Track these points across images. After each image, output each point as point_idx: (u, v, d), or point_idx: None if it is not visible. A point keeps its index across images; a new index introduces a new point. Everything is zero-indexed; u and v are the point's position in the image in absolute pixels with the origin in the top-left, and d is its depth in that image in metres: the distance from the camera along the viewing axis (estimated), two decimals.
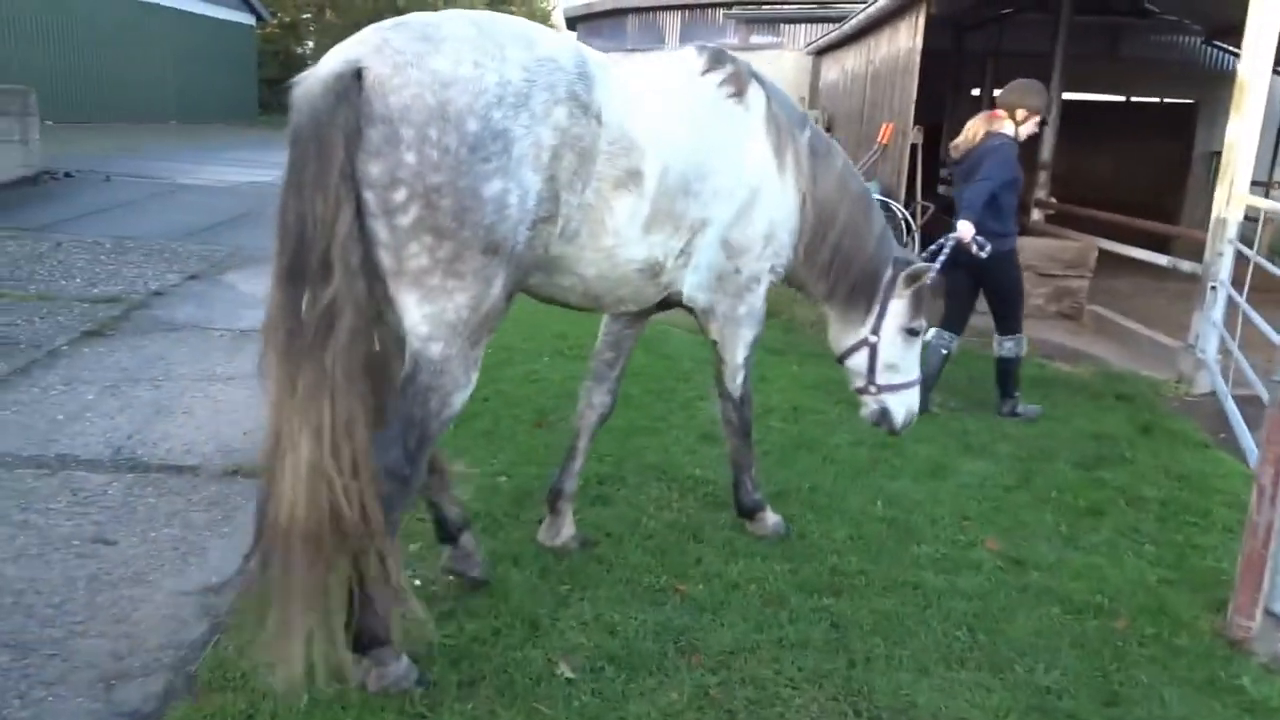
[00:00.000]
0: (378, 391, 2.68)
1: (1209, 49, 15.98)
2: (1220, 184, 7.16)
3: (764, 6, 17.12)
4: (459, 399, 2.68)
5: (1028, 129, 5.97)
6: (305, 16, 41.72)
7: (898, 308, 3.86)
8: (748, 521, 4.01)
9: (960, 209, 5.57)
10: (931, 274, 3.86)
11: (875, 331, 3.87)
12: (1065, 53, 12.63)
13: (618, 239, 2.99)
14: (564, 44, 2.80)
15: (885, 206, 8.41)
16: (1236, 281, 7.27)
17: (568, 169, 2.72)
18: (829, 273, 3.76)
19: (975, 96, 15.61)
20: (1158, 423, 6.14)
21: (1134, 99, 16.93)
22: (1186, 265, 7.68)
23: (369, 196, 2.47)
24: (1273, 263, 11.35)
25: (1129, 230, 10.64)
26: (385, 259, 2.52)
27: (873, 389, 3.97)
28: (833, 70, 14.20)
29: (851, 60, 12.39)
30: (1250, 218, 7.56)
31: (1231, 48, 15.29)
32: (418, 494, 2.91)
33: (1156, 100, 16.95)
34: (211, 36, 31.55)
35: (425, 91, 2.46)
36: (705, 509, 4.20)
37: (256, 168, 16.80)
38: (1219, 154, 15.71)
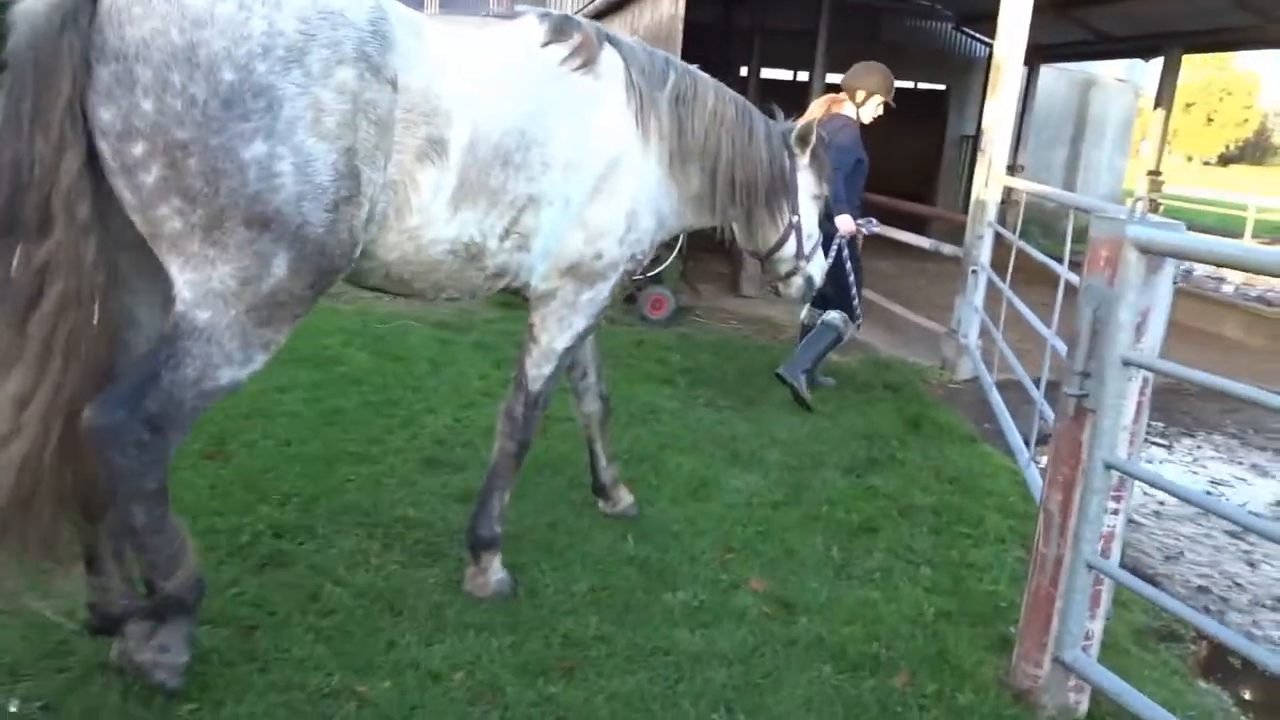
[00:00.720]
0: (90, 376, 2.25)
1: (960, 36, 16.56)
2: (979, 166, 7.02)
3: None
4: (227, 375, 2.35)
5: (870, 110, 5.95)
6: None
7: (806, 180, 3.82)
8: (471, 563, 3.27)
9: (831, 205, 5.35)
10: (816, 138, 3.78)
11: (794, 211, 3.79)
12: (829, 33, 12.56)
13: (422, 217, 2.65)
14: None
15: None
16: (996, 264, 7.20)
17: (366, 141, 2.38)
18: (739, 203, 3.53)
19: (743, 76, 15.44)
20: (925, 415, 5.86)
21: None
22: (948, 249, 7.55)
23: (103, 146, 2.14)
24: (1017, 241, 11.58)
25: (890, 212, 10.65)
26: (137, 221, 2.22)
27: (802, 264, 3.91)
28: None
29: (616, 29, 11.74)
30: (1003, 201, 7.52)
31: (980, 35, 15.88)
32: None
33: (912, 85, 17.45)
34: None
35: (171, 27, 2.10)
36: (412, 565, 3.37)
37: None
38: (970, 138, 16.36)
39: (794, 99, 4.98)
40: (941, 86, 17.27)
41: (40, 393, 2.17)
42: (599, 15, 13.01)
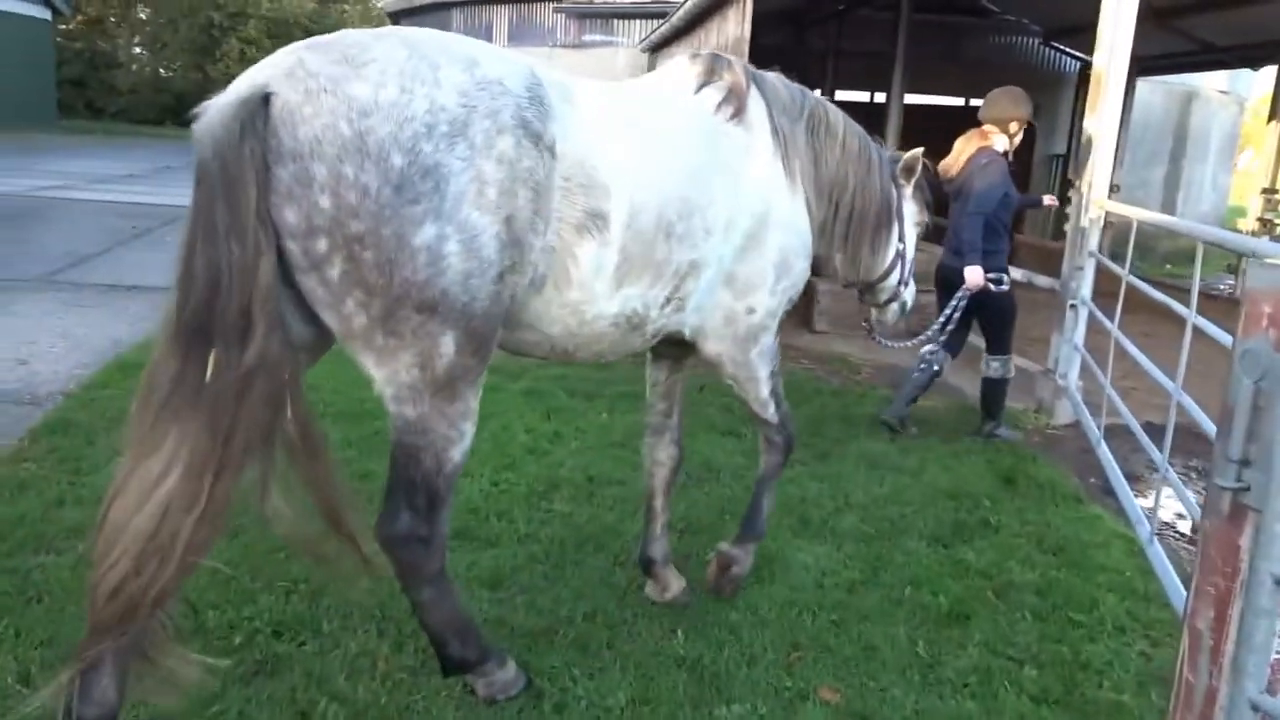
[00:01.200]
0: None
1: (1048, 50, 15.78)
2: (1077, 187, 6.37)
3: (596, 1, 15.98)
4: (456, 453, 2.45)
5: (1018, 139, 5.84)
6: (112, 12, 38.20)
7: (910, 209, 3.84)
8: (736, 547, 3.51)
9: (964, 251, 5.58)
10: (920, 168, 3.79)
11: (901, 239, 3.79)
12: (906, 53, 11.98)
13: (584, 293, 2.59)
14: (513, 64, 2.41)
15: None
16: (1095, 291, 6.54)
17: (525, 208, 2.33)
18: (851, 234, 3.54)
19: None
20: (1021, 470, 5.23)
21: (974, 101, 16.63)
22: (1043, 280, 6.89)
23: (291, 246, 2.16)
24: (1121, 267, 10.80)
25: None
26: (329, 318, 2.26)
27: (903, 288, 3.94)
28: None
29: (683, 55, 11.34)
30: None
31: (1071, 49, 15.08)
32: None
33: None
34: None
35: (340, 121, 2.12)
36: (424, 671, 2.90)
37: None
38: (1059, 157, 15.54)
39: (871, 121, 4.53)
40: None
41: (215, 496, 2.14)
42: (666, 41, 12.66)
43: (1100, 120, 6.18)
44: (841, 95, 15.00)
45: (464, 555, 3.65)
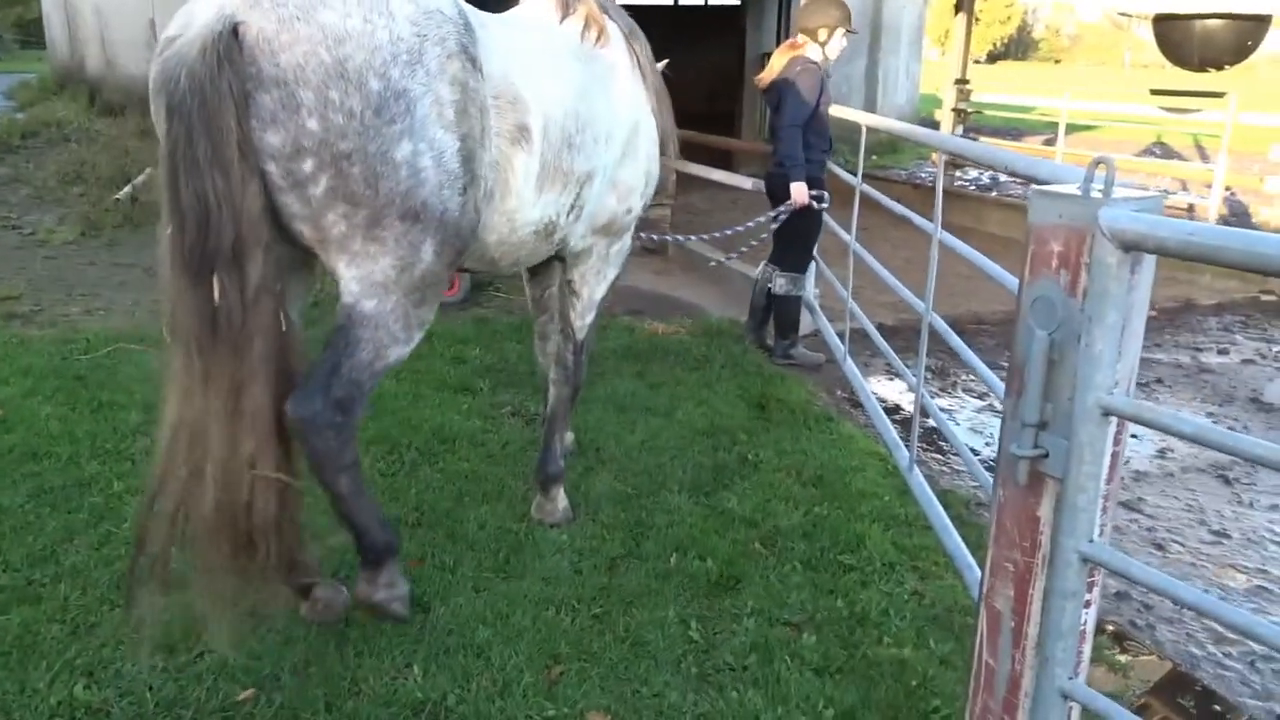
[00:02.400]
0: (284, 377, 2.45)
1: None
2: None
3: None
4: (394, 353, 2.60)
5: (835, 46, 5.55)
6: None
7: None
8: (540, 495, 3.61)
9: (785, 165, 5.56)
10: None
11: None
12: None
13: (518, 201, 2.84)
14: None
15: None
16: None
17: (475, 126, 2.55)
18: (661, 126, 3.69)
19: None
20: (771, 394, 5.04)
21: (682, 2, 16.43)
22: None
23: (272, 169, 2.30)
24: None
25: (695, 146, 9.89)
26: (304, 230, 2.42)
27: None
28: None
29: None
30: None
31: None
32: None
33: (703, 2, 16.58)
34: None
35: (319, 48, 2.25)
36: None
37: None
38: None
39: None
40: (736, 1, 16.46)
41: (264, 398, 2.35)
42: None
43: None
44: None
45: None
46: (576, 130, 2.98)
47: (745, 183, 7.17)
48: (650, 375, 5.21)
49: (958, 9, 11.30)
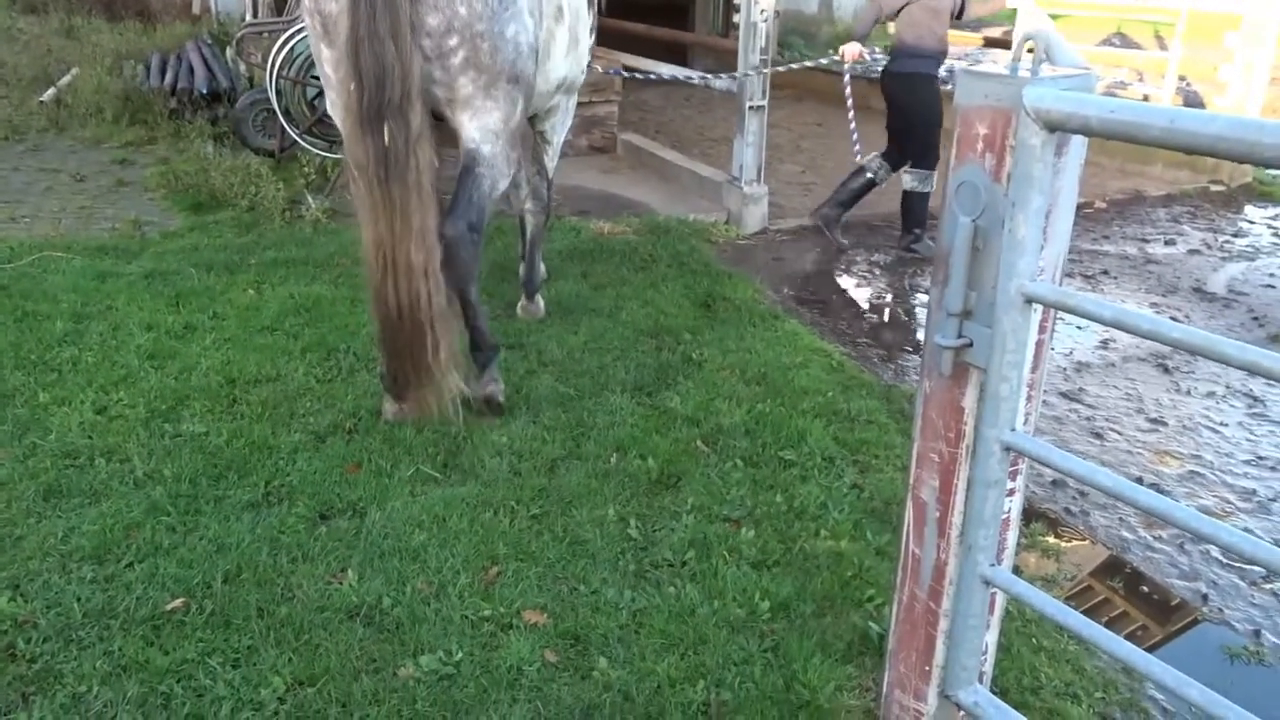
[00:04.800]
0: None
1: None
2: None
3: None
4: (503, 183, 3.43)
5: None
6: None
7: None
8: (525, 299, 4.53)
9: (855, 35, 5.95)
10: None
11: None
12: None
13: (554, 63, 3.69)
14: None
15: None
16: (775, 83, 6.31)
17: (539, 9, 3.37)
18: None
19: None
20: (718, 292, 4.99)
21: None
22: (719, 83, 6.52)
23: (426, 44, 3.06)
24: (783, 57, 10.81)
25: (646, 40, 9.60)
26: (440, 92, 3.19)
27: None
28: None
29: None
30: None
31: None
32: None
33: None
34: None
35: None
36: None
37: None
38: None
39: None
40: None
41: (433, 220, 3.14)
42: None
43: None
44: None
45: (57, 521, 2.83)
46: (568, 7, 3.72)
47: (693, 76, 6.96)
48: (595, 276, 5.12)
49: None
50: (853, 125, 5.98)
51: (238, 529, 2.82)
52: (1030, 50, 1.69)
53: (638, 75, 6.89)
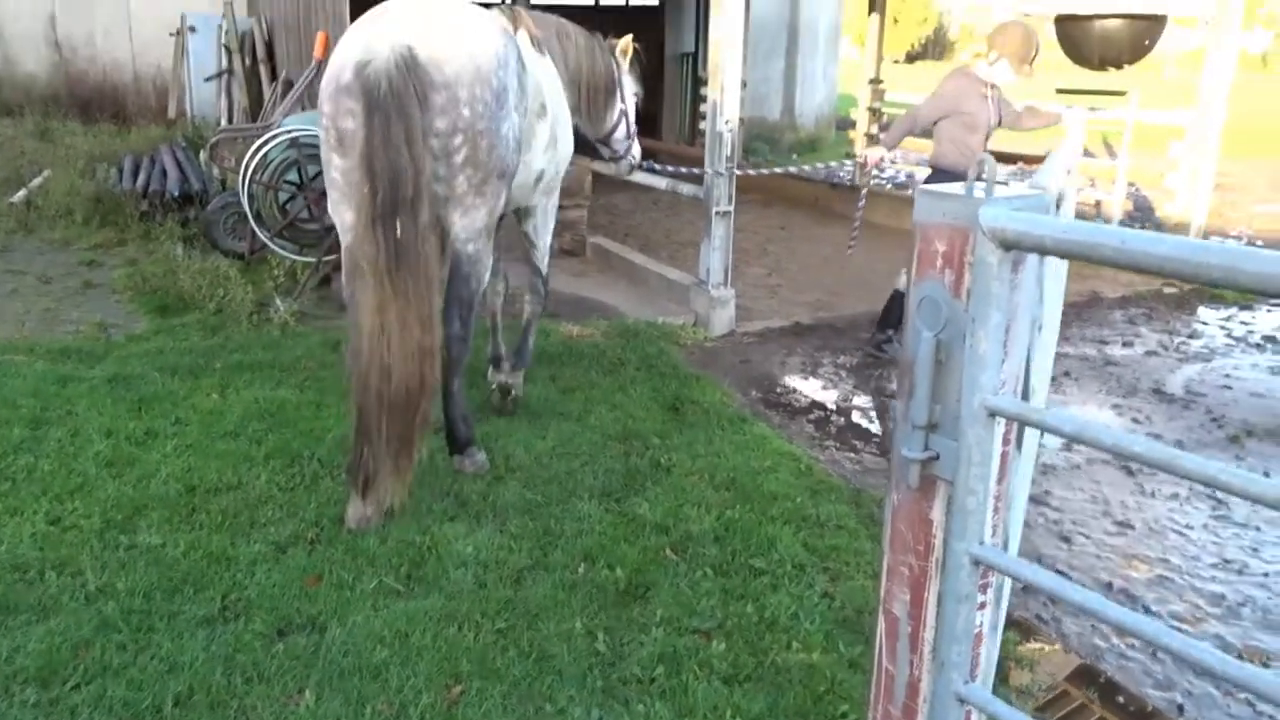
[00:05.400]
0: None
1: None
2: (710, 91, 6.14)
3: None
4: (486, 276, 3.89)
5: (1002, 72, 5.45)
6: None
7: (629, 82, 5.04)
8: (506, 370, 4.70)
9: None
10: (634, 52, 5.04)
11: (623, 102, 5.02)
12: None
13: (533, 155, 4.03)
14: (503, 22, 3.86)
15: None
16: (743, 186, 6.45)
17: (522, 105, 3.75)
18: (590, 109, 4.82)
19: None
20: (686, 395, 5.00)
21: (604, 1, 16.34)
22: (686, 188, 6.68)
23: (434, 143, 3.42)
24: (748, 162, 11.10)
25: None
26: (439, 189, 3.51)
27: (631, 140, 5.20)
28: None
29: None
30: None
31: None
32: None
33: (624, 2, 16.52)
34: None
35: (469, 61, 3.44)
36: None
37: None
38: (689, 55, 15.74)
39: None
40: (654, 1, 16.44)
41: (438, 304, 3.48)
42: None
43: (726, 20, 5.96)
44: None
45: (1, 640, 2.72)
46: (550, 109, 4.10)
47: (661, 183, 7.12)
48: (563, 379, 5.13)
49: (871, 10, 11.43)
50: (857, 224, 6.11)
51: (191, 647, 2.73)
52: (983, 173, 1.75)
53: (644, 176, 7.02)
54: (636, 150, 5.30)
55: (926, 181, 5.90)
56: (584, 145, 5.09)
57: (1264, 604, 3.46)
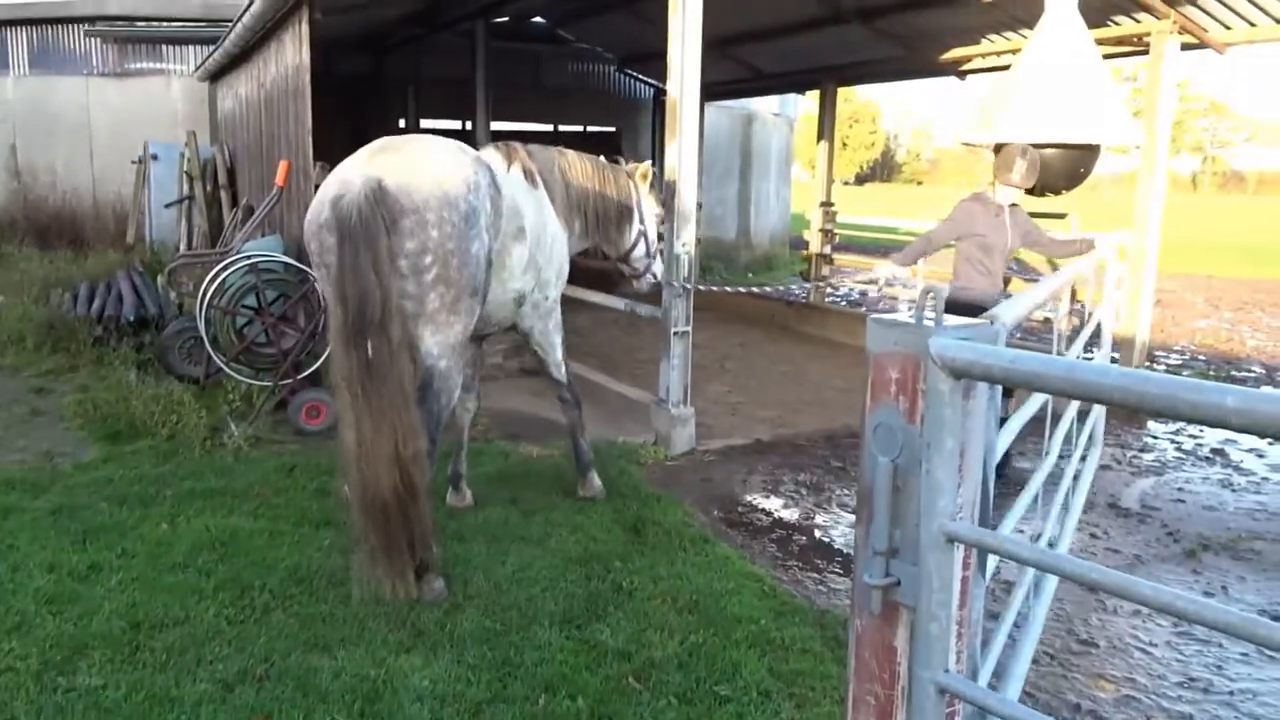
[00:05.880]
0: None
1: (623, 77, 16.36)
2: (666, 216, 6.30)
3: (139, 23, 14.03)
4: (456, 391, 4.11)
5: (1005, 194, 5.77)
6: None
7: (649, 204, 5.48)
8: (581, 479, 5.18)
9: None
10: (653, 175, 5.54)
11: (642, 223, 5.43)
12: (487, 80, 11.73)
13: (510, 275, 4.37)
14: (480, 154, 4.27)
15: (302, 275, 6.41)
16: (702, 304, 6.54)
17: (494, 227, 4.07)
18: (600, 226, 5.19)
19: (401, 128, 14.24)
20: (648, 516, 4.96)
21: (562, 127, 16.87)
22: (644, 309, 6.77)
23: (403, 264, 3.72)
24: (704, 280, 11.32)
25: (579, 268, 9.98)
26: (410, 306, 3.78)
27: (652, 259, 5.56)
28: (229, 98, 11.79)
29: (244, 85, 10.15)
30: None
31: (645, 76, 15.74)
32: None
33: (581, 129, 17.07)
34: None
35: (435, 187, 3.77)
36: None
37: None
38: None
39: None
40: (611, 128, 17.00)
41: (410, 421, 3.60)
42: (225, 68, 11.37)
43: (682, 146, 6.17)
44: (428, 124, 14.45)
45: None
46: (536, 235, 4.46)
47: (619, 303, 7.22)
48: (524, 501, 5.07)
49: (820, 137, 11.90)
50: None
51: None
52: (931, 302, 1.80)
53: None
54: (658, 268, 5.61)
55: (948, 306, 5.96)
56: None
57: None
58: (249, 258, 6.33)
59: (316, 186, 7.17)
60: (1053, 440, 3.81)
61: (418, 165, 3.76)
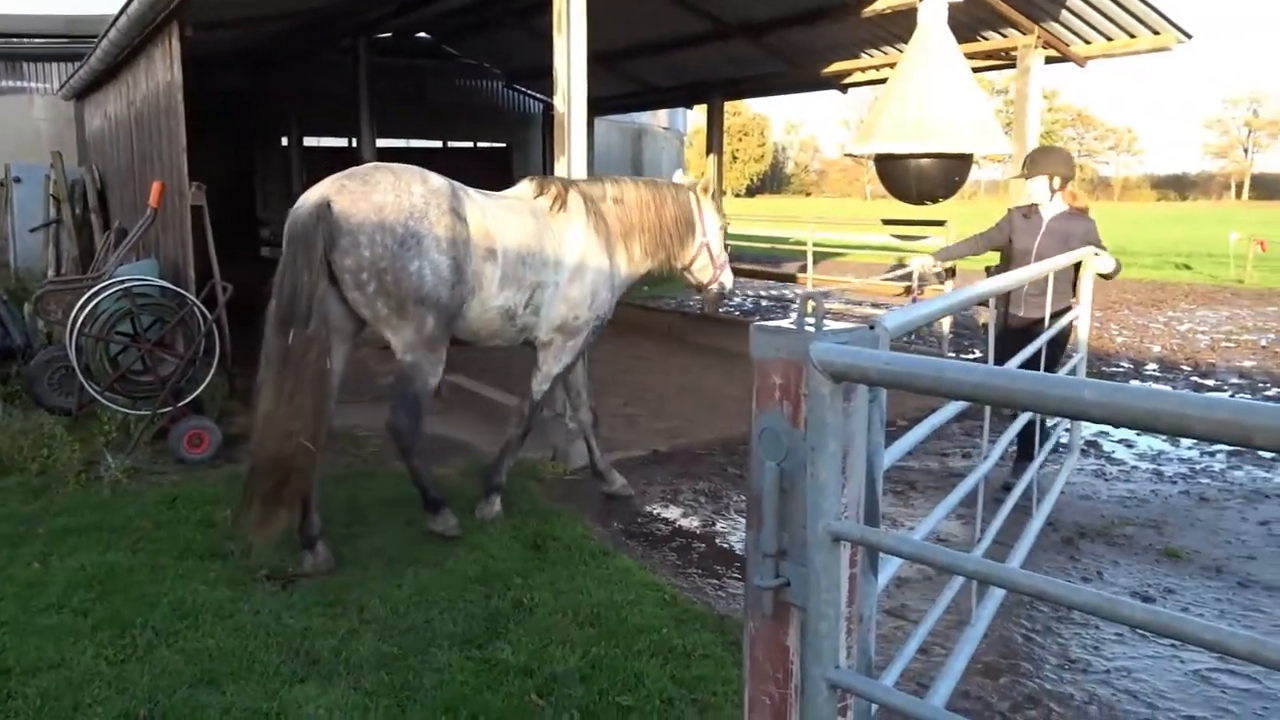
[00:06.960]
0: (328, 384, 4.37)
1: (512, 93, 16.31)
2: None
3: None
4: (432, 381, 4.68)
5: (1035, 189, 5.73)
6: None
7: (712, 216, 5.66)
8: (483, 499, 5.24)
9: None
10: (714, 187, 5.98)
11: (705, 235, 5.59)
12: (371, 97, 11.55)
13: (487, 293, 4.74)
14: (443, 181, 4.65)
15: (179, 299, 6.17)
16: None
17: (461, 250, 4.55)
18: (662, 246, 5.48)
19: (284, 146, 13.89)
20: (548, 532, 4.94)
21: (451, 143, 16.71)
22: None
23: (346, 278, 4.34)
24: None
25: None
26: (366, 312, 4.45)
27: (719, 272, 5.74)
28: (97, 117, 11.30)
29: (114, 103, 9.75)
30: None
31: (533, 91, 15.71)
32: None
33: (471, 144, 16.94)
34: None
35: (371, 213, 4.32)
36: None
37: None
38: None
39: (346, 167, 4.71)
40: (502, 144, 16.92)
41: (312, 404, 4.19)
42: (91, 86, 10.90)
43: (571, 161, 6.18)
44: (311, 141, 14.13)
45: None
46: (527, 255, 4.83)
47: None
48: (420, 523, 4.98)
49: (709, 150, 12.10)
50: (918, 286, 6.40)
51: None
52: (809, 303, 1.85)
53: None
54: (726, 278, 5.80)
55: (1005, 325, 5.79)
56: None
57: (1108, 700, 3.60)
58: (122, 282, 6.08)
59: (194, 207, 6.95)
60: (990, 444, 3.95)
61: (365, 193, 4.32)
